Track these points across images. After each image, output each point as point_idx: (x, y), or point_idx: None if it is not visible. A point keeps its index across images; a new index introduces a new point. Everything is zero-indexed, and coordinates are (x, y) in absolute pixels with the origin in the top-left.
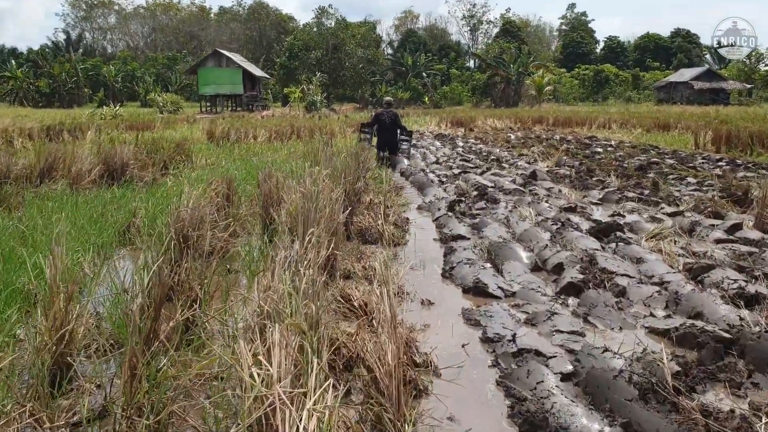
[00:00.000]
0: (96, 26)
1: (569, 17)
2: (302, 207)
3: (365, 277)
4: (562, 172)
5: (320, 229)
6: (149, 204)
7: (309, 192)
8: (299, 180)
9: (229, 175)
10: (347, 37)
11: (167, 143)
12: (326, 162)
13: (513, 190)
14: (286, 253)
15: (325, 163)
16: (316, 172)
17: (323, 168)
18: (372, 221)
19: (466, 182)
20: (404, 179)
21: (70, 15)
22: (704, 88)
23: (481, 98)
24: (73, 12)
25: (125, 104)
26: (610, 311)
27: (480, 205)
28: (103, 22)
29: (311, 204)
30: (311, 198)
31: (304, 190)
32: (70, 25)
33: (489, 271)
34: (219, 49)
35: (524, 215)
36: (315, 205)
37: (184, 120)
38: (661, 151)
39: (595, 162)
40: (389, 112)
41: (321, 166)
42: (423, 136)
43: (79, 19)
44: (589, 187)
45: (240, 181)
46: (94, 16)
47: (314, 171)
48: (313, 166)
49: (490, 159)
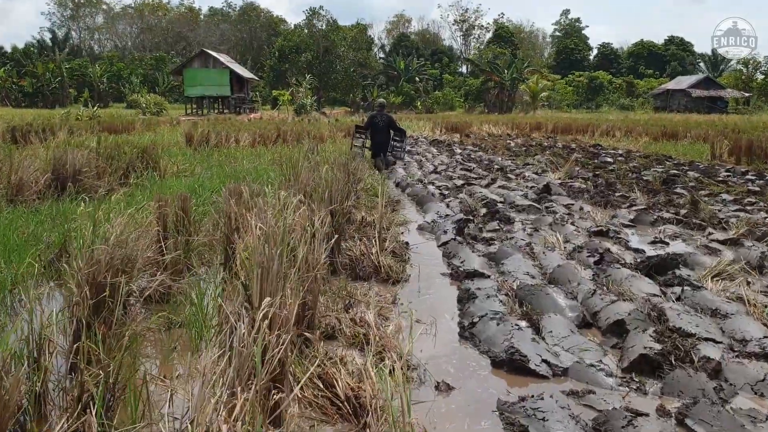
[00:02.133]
0: (83, 26)
1: (563, 23)
2: (261, 255)
3: (354, 338)
4: (577, 186)
5: (289, 286)
6: (94, 222)
7: (272, 232)
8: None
9: (184, 193)
10: (338, 40)
11: (130, 148)
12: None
13: (527, 207)
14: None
15: (306, 177)
16: (285, 198)
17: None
18: (364, 249)
19: (471, 196)
20: (400, 191)
21: (56, 14)
22: (702, 96)
23: (474, 104)
24: (60, 11)
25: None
26: (716, 412)
27: (492, 226)
28: (91, 22)
29: (275, 251)
30: (275, 240)
31: (265, 227)
32: (57, 24)
33: (525, 333)
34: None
35: (550, 242)
36: (281, 251)
37: (166, 122)
38: (677, 161)
39: (609, 173)
40: (383, 115)
41: (294, 187)
42: (418, 141)
43: (66, 19)
44: (613, 204)
45: (207, 195)
46: (81, 16)
47: (286, 196)
48: (289, 180)
49: (494, 168)
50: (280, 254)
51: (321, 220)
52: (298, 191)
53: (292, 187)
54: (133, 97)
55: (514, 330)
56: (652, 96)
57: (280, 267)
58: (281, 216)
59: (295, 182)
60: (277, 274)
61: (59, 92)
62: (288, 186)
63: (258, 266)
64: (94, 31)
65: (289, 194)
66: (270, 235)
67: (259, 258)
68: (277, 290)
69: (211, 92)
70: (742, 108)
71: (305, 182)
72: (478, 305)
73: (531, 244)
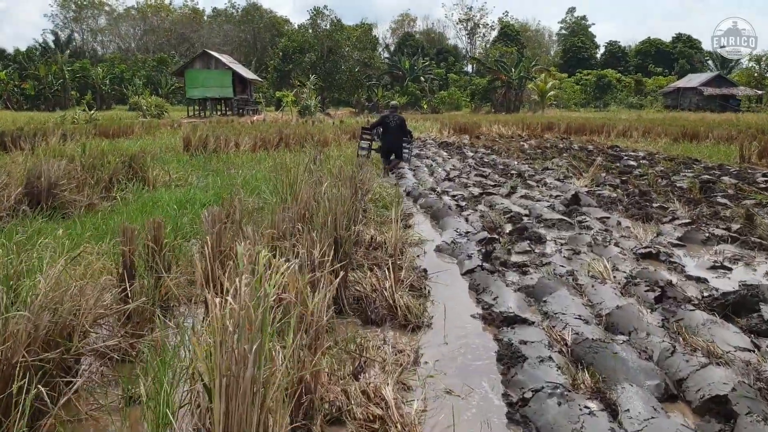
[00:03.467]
0: (86, 27)
1: (569, 21)
2: (228, 354)
3: (367, 422)
4: (606, 195)
5: (272, 396)
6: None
7: (247, 316)
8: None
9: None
10: (343, 39)
11: (114, 157)
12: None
13: (557, 222)
14: None
15: (307, 196)
16: (270, 260)
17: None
18: (376, 283)
19: (492, 208)
20: (412, 202)
21: (59, 16)
22: (714, 94)
23: (481, 103)
24: (63, 12)
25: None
26: None
27: (522, 247)
28: (93, 24)
29: (249, 348)
30: (251, 325)
31: (240, 301)
32: (59, 26)
33: (600, 421)
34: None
35: (596, 270)
36: (259, 346)
37: (167, 125)
38: (705, 165)
39: (639, 179)
40: (395, 116)
41: (292, 209)
42: (426, 144)
43: (69, 20)
44: (653, 218)
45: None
46: (83, 17)
47: (270, 256)
48: (286, 200)
49: (511, 174)
50: (257, 352)
51: (322, 252)
52: (296, 216)
53: (288, 210)
54: (134, 99)
55: (584, 415)
56: (662, 94)
57: (258, 372)
58: (262, 285)
59: (294, 203)
60: (252, 386)
61: (61, 95)
62: (284, 208)
63: (221, 374)
64: (97, 33)
65: (276, 255)
66: (242, 321)
67: (225, 361)
68: (251, 412)
69: (213, 94)
70: (755, 106)
71: (305, 202)
72: (528, 372)
73: (574, 273)
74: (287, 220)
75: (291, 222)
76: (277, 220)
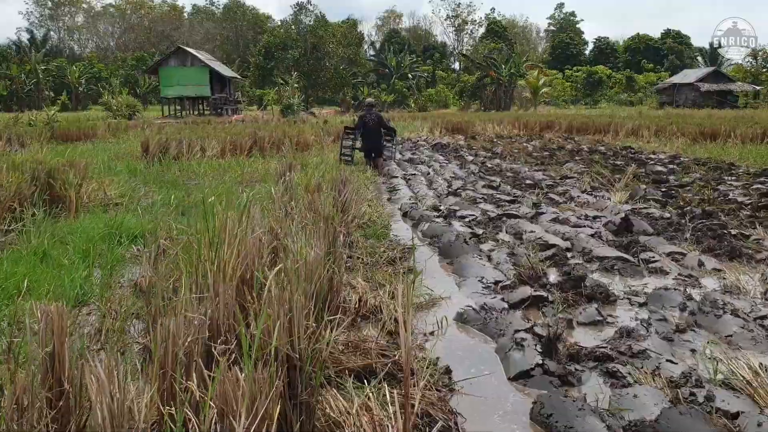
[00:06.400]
0: (63, 26)
1: (557, 17)
2: None
3: None
4: (657, 214)
5: None
6: None
7: None
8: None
9: None
10: (327, 36)
11: (17, 175)
12: (244, 261)
13: (615, 261)
14: None
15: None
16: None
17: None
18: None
19: (519, 237)
20: (411, 225)
21: (34, 13)
22: (711, 90)
23: (470, 101)
24: (38, 10)
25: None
26: None
27: (589, 316)
28: (71, 22)
29: None
30: None
31: None
32: (35, 24)
33: None
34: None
35: (740, 377)
36: None
37: (138, 126)
38: (746, 170)
39: (685, 191)
40: (373, 114)
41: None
42: (418, 146)
43: (45, 18)
44: (740, 253)
45: (124, 249)
46: (60, 15)
47: None
48: (203, 275)
49: (525, 184)
50: None
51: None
52: (217, 315)
53: (202, 306)
54: (104, 99)
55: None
56: (657, 90)
57: None
58: None
59: (219, 279)
60: None
61: (35, 95)
62: (200, 300)
63: None
64: (74, 31)
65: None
66: None
67: None
68: None
69: (190, 92)
70: (753, 102)
71: (236, 284)
72: None
73: (701, 382)
74: (196, 334)
75: (204, 332)
76: (175, 329)
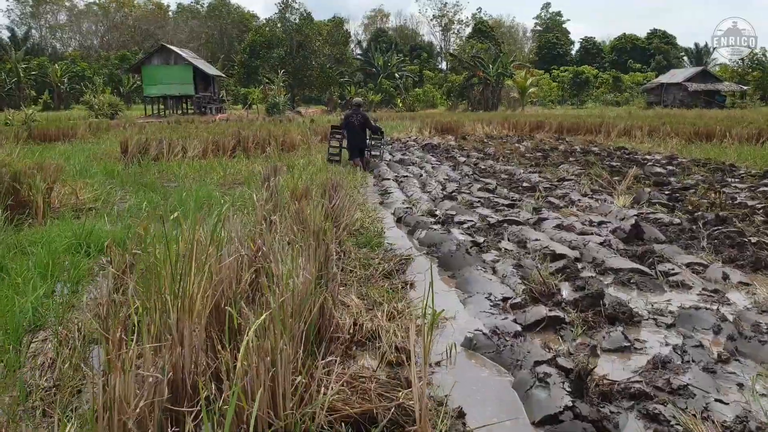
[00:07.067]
0: (45, 24)
1: (543, 17)
2: None
3: None
4: (666, 220)
5: None
6: None
7: None
8: None
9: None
10: (313, 34)
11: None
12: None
13: (629, 273)
14: None
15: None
16: None
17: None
18: None
19: (523, 246)
20: (406, 233)
21: (14, 11)
22: (699, 90)
23: (457, 101)
24: (19, 8)
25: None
26: None
27: (615, 341)
28: (53, 20)
29: None
30: None
31: None
32: (16, 21)
33: None
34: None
35: None
36: None
37: (120, 125)
38: (748, 172)
39: (694, 196)
40: (358, 114)
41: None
42: (407, 146)
43: (26, 16)
44: (764, 264)
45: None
46: (41, 13)
47: None
48: (165, 312)
49: (522, 186)
50: None
51: None
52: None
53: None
54: (85, 98)
55: None
56: (644, 90)
57: None
58: None
59: (185, 318)
60: None
61: (15, 94)
62: (159, 351)
63: None
64: (56, 30)
65: None
66: None
67: None
68: None
69: (173, 91)
70: (740, 102)
71: (204, 323)
72: None
73: (765, 430)
74: (151, 397)
75: (162, 393)
76: (123, 391)
